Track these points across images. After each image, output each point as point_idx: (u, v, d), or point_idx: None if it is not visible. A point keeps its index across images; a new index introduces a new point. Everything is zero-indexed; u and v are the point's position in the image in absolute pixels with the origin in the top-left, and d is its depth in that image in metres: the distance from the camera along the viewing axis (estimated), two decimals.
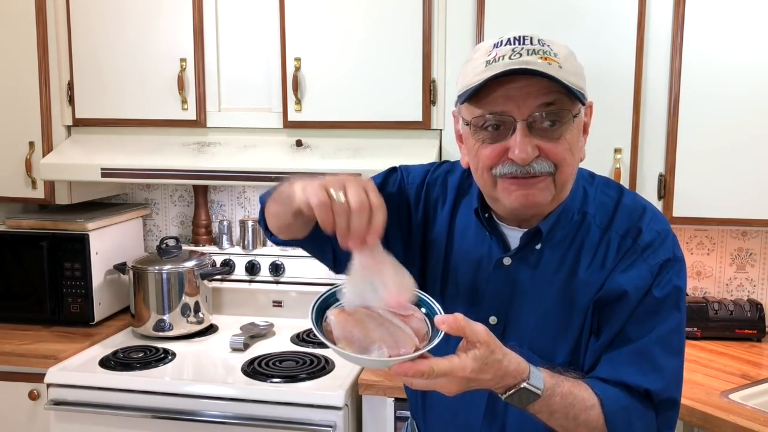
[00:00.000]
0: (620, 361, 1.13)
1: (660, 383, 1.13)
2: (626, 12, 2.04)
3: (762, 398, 1.86)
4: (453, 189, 1.30)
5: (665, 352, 1.14)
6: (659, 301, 1.14)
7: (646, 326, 1.14)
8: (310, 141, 2.27)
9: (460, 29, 2.14)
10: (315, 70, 2.24)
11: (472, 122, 1.12)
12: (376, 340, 0.97)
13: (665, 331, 1.14)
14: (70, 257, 2.42)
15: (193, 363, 2.23)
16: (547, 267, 1.19)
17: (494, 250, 1.22)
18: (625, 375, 1.12)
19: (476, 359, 0.97)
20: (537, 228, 1.17)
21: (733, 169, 2.05)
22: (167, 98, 2.35)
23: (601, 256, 1.18)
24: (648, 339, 1.13)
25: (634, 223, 1.19)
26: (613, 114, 2.08)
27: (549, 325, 1.18)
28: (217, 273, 2.56)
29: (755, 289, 2.43)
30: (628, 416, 1.11)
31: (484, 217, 1.22)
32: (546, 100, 1.07)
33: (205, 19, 2.31)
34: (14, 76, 2.41)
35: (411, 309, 1.02)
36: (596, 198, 1.22)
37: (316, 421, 1.93)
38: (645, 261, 1.16)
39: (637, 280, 1.14)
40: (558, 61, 1.07)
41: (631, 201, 1.23)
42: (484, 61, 1.08)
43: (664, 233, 1.19)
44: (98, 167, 2.29)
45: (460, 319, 0.97)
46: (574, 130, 1.11)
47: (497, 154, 1.10)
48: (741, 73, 2.02)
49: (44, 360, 2.16)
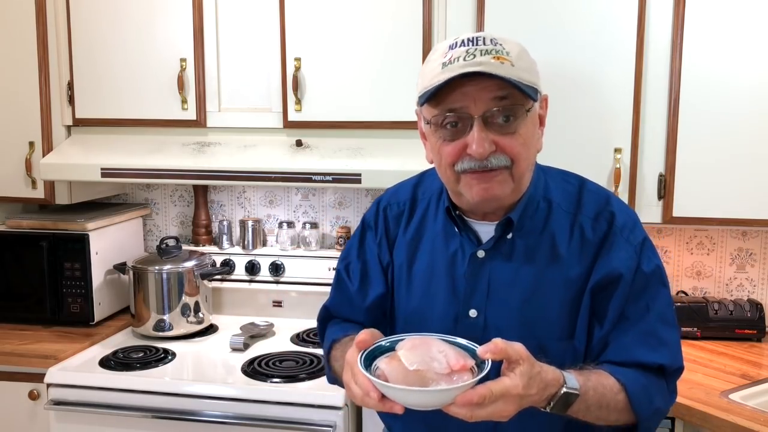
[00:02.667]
0: (630, 344, 1.20)
1: (669, 356, 1.22)
2: (626, 12, 2.04)
3: (762, 398, 1.86)
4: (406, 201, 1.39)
5: (666, 326, 1.23)
6: (648, 277, 1.23)
7: (642, 305, 1.22)
8: (310, 141, 2.27)
9: (460, 29, 2.14)
10: (315, 70, 2.24)
11: (432, 121, 1.18)
12: (434, 378, 1.01)
13: (661, 307, 1.23)
14: (70, 257, 2.42)
15: (193, 363, 2.23)
16: (522, 255, 1.24)
17: (467, 246, 1.27)
18: (638, 355, 1.20)
19: (523, 375, 1.02)
20: (508, 218, 1.23)
21: (733, 169, 2.05)
22: (167, 98, 2.35)
23: (578, 236, 1.24)
24: (649, 318, 1.21)
25: (603, 207, 1.26)
26: (613, 114, 2.08)
27: (532, 310, 1.22)
28: (217, 273, 2.56)
29: (755, 289, 2.43)
30: (649, 393, 1.19)
31: (455, 215, 1.27)
32: (500, 94, 1.13)
33: (205, 19, 2.31)
34: (14, 76, 2.41)
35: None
36: (558, 186, 1.30)
37: (316, 421, 1.93)
38: (628, 241, 1.23)
39: (627, 261, 1.22)
40: (510, 59, 1.13)
41: (594, 187, 1.31)
42: (440, 63, 1.15)
43: (634, 215, 1.29)
44: (98, 167, 2.29)
45: (499, 343, 1.02)
46: (529, 124, 1.18)
47: (457, 150, 1.17)
48: (741, 73, 2.02)
49: (44, 360, 2.16)
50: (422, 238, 1.34)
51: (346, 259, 1.44)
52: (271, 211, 2.73)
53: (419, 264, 1.33)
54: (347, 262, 1.44)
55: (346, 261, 1.44)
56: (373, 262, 1.39)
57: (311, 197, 2.70)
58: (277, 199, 2.72)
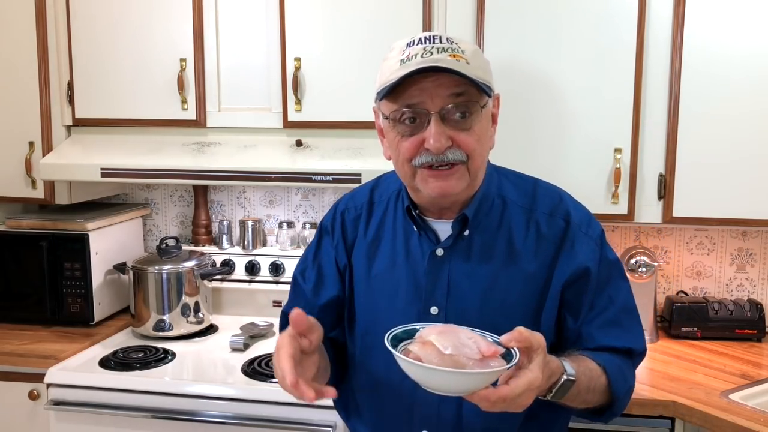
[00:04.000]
0: (600, 333, 1.28)
1: (635, 341, 1.31)
2: (626, 12, 2.04)
3: (762, 398, 1.86)
4: (363, 204, 1.40)
5: (629, 315, 1.32)
6: (609, 269, 1.30)
7: (606, 296, 1.29)
8: (310, 141, 2.27)
9: (460, 29, 2.14)
10: (315, 70, 2.24)
11: (390, 116, 1.21)
12: (467, 363, 1.01)
13: (623, 299, 1.31)
14: (70, 257, 2.42)
15: (193, 363, 2.23)
16: (479, 251, 1.27)
17: (425, 244, 1.29)
18: (609, 341, 1.28)
19: (540, 366, 1.03)
20: (463, 215, 1.26)
21: (733, 169, 2.05)
22: (167, 98, 2.35)
23: (534, 231, 1.28)
24: (614, 309, 1.29)
25: (558, 204, 1.31)
26: (613, 114, 2.08)
27: (492, 306, 1.25)
28: (217, 273, 2.56)
29: (755, 289, 2.43)
30: (623, 372, 1.26)
31: (415, 214, 1.30)
32: (456, 90, 1.16)
33: (205, 19, 2.31)
34: (14, 76, 2.41)
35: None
36: (512, 184, 1.33)
37: (316, 421, 1.93)
38: (587, 236, 1.29)
39: (591, 254, 1.28)
40: (465, 57, 1.16)
41: (546, 185, 1.36)
42: (398, 60, 1.18)
43: (587, 211, 1.34)
44: (98, 167, 2.29)
45: (523, 331, 1.03)
46: (483, 121, 1.21)
47: (415, 146, 1.19)
48: (741, 73, 2.02)
49: (44, 360, 2.16)
50: (381, 240, 1.36)
51: (303, 264, 1.46)
52: (271, 211, 2.73)
53: (379, 264, 1.34)
54: (303, 267, 1.45)
55: (303, 266, 1.45)
56: (328, 265, 1.40)
57: (311, 197, 2.70)
58: (277, 199, 2.72)
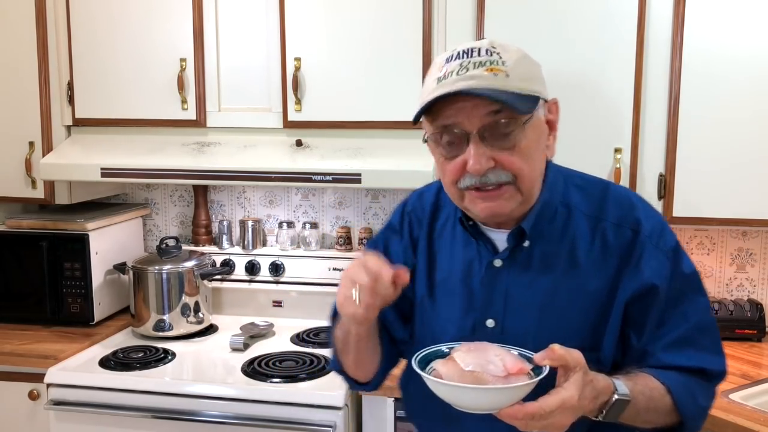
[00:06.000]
0: (668, 352, 1.19)
1: (710, 361, 1.21)
2: (626, 12, 2.04)
3: (762, 398, 1.86)
4: (429, 204, 1.35)
5: (705, 334, 1.21)
6: (683, 284, 1.20)
7: (679, 312, 1.19)
8: (310, 141, 2.27)
9: (460, 29, 2.14)
10: (315, 70, 2.24)
11: (431, 137, 1.16)
12: (490, 380, 1.01)
13: (699, 316, 1.21)
14: (70, 257, 2.42)
15: (193, 363, 2.23)
16: (539, 263, 1.20)
17: (483, 254, 1.23)
18: (677, 360, 1.18)
19: (577, 384, 1.01)
20: (519, 227, 1.19)
21: (733, 169, 2.05)
22: (167, 98, 2.35)
23: (600, 242, 1.19)
24: (687, 326, 1.19)
25: (628, 213, 1.21)
26: (613, 114, 2.08)
27: (550, 320, 1.18)
28: (217, 273, 2.56)
29: (755, 289, 2.43)
30: (692, 392, 1.18)
31: (468, 225, 1.24)
32: (494, 108, 1.10)
33: (205, 19, 2.31)
34: (14, 76, 2.41)
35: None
36: (579, 189, 1.25)
37: (316, 421, 1.93)
38: (658, 249, 1.19)
39: (660, 270, 1.18)
40: (505, 69, 1.10)
41: (618, 190, 1.26)
42: (436, 78, 1.12)
43: (661, 219, 1.25)
44: (98, 167, 2.29)
45: (557, 349, 1.02)
46: (530, 136, 1.13)
47: (458, 168, 1.14)
48: (741, 73, 2.02)
49: (44, 360, 2.16)
50: (442, 245, 1.31)
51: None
52: (271, 211, 2.73)
53: (439, 271, 1.30)
54: None
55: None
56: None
57: (311, 197, 2.70)
58: (277, 199, 2.72)
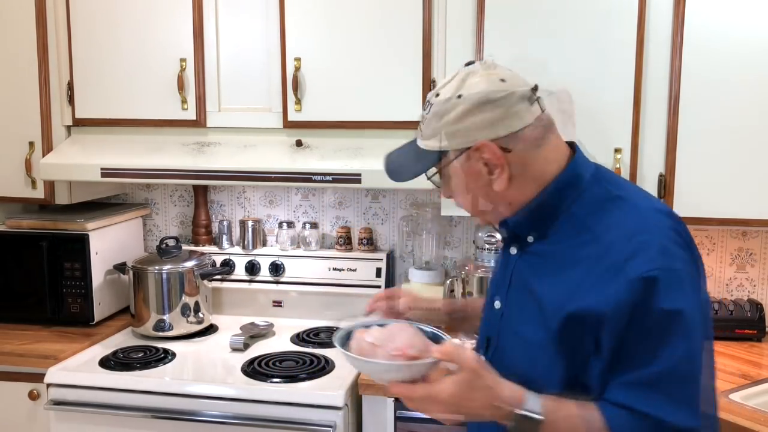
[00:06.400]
0: (624, 390, 1.05)
1: (671, 413, 1.03)
2: (626, 12, 2.04)
3: (762, 398, 1.86)
4: None
5: (676, 383, 1.04)
6: (655, 322, 1.03)
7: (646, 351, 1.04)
8: (310, 141, 2.27)
9: (460, 29, 2.14)
10: (315, 70, 2.24)
11: None
12: (383, 355, 1.13)
13: (673, 362, 1.03)
14: (70, 257, 2.42)
15: (193, 363, 2.23)
16: (540, 263, 1.22)
17: (507, 242, 1.30)
18: (629, 402, 1.04)
19: (456, 383, 1.06)
20: (504, 220, 1.24)
21: (733, 169, 2.05)
22: (167, 98, 2.35)
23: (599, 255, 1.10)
24: (655, 370, 1.03)
25: (639, 229, 1.10)
26: (613, 114, 2.08)
27: (531, 315, 1.17)
28: (217, 273, 2.56)
29: (755, 289, 2.43)
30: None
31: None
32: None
33: (205, 19, 2.31)
34: (14, 76, 2.41)
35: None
36: (593, 200, 1.17)
37: (315, 421, 1.93)
38: (620, 273, 1.05)
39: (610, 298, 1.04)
40: (422, 127, 1.20)
41: (637, 204, 1.16)
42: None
43: (649, 241, 1.07)
44: (98, 167, 2.29)
45: (448, 346, 1.09)
46: (455, 181, 1.20)
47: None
48: (741, 72, 2.02)
49: (44, 360, 2.16)
50: None
51: None
52: (271, 211, 2.73)
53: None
54: None
55: None
56: None
57: (311, 197, 2.70)
58: (277, 199, 2.72)
